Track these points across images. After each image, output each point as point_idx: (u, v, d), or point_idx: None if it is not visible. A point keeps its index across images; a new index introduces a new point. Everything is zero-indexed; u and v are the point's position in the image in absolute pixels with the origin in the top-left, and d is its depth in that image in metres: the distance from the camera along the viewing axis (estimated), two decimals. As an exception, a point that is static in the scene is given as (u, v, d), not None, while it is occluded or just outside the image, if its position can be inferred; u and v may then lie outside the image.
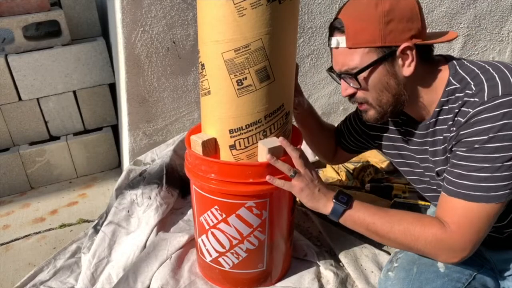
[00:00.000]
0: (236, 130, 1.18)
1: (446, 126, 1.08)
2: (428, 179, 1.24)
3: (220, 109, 1.18)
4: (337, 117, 2.47)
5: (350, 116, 1.50)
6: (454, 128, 1.03)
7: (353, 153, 1.56)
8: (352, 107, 2.46)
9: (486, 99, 0.96)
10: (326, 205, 1.17)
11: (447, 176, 1.04)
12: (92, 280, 1.52)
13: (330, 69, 1.19)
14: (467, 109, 1.00)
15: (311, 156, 2.23)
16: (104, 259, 1.59)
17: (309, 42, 2.21)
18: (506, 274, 1.18)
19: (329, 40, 1.13)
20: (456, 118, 1.03)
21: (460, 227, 0.99)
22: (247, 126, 1.17)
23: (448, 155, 1.07)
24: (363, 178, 2.06)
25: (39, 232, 1.94)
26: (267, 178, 1.20)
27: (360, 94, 1.13)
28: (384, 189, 1.88)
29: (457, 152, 1.02)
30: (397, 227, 1.06)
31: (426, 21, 1.10)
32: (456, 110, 1.03)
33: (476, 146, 0.97)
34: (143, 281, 1.45)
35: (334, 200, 1.15)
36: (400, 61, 1.05)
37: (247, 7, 1.03)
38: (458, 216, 1.00)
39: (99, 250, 1.61)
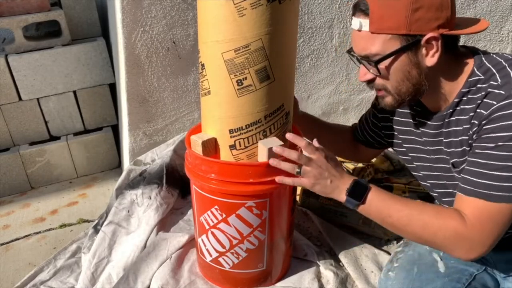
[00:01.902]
0: (236, 130, 1.18)
1: (466, 117, 1.03)
2: (438, 173, 1.20)
3: (220, 109, 1.18)
4: (337, 117, 2.47)
5: (366, 113, 1.49)
6: (476, 122, 0.99)
7: (374, 148, 1.52)
8: (352, 108, 2.47)
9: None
10: (340, 197, 1.12)
11: (465, 176, 1.00)
12: (92, 280, 1.52)
13: (350, 51, 1.13)
14: (490, 101, 0.96)
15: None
16: (104, 259, 1.59)
17: (309, 42, 2.21)
18: (507, 274, 1.18)
19: (351, 19, 1.07)
20: (478, 110, 0.99)
21: (481, 222, 0.96)
22: (247, 126, 1.17)
23: (466, 149, 1.04)
24: (363, 178, 2.06)
25: (39, 232, 1.94)
26: (277, 179, 1.17)
27: (379, 81, 1.09)
28: (384, 189, 1.87)
29: (478, 150, 0.97)
30: (415, 221, 1.02)
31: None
32: (479, 102, 0.99)
33: (499, 143, 0.92)
34: (143, 281, 1.45)
35: (347, 195, 1.10)
36: (424, 51, 1.01)
37: (247, 7, 1.03)
38: (479, 213, 0.96)
39: (99, 250, 1.61)
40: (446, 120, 1.09)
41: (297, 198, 1.80)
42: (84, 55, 2.32)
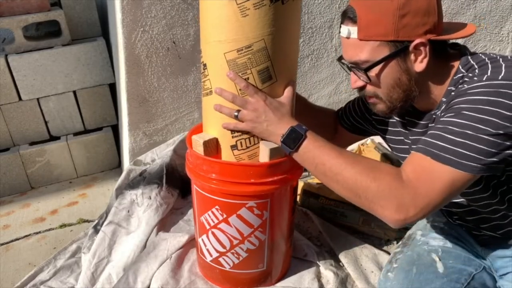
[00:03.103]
0: (238, 130, 1.18)
1: (444, 107, 1.04)
2: None
3: (222, 109, 1.18)
4: (337, 117, 2.47)
5: (355, 99, 1.47)
6: (446, 104, 1.01)
7: (355, 134, 1.50)
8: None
9: (484, 79, 0.93)
10: (277, 142, 1.11)
11: (422, 138, 0.98)
12: (92, 280, 1.52)
13: (340, 58, 1.14)
14: (462, 86, 0.98)
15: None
16: (104, 259, 1.59)
17: (309, 42, 2.21)
18: (502, 272, 1.18)
19: (340, 27, 1.08)
20: (452, 94, 1.01)
21: (419, 180, 0.91)
22: (249, 126, 1.17)
23: None
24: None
25: (39, 232, 1.94)
26: (223, 125, 1.18)
27: (370, 88, 1.08)
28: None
29: (441, 119, 0.96)
30: (348, 170, 0.98)
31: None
32: (454, 93, 1.01)
33: (463, 111, 0.91)
34: (143, 281, 1.45)
35: (281, 142, 1.09)
36: (412, 57, 1.01)
37: (250, 7, 1.03)
38: (420, 169, 0.92)
39: (99, 250, 1.61)
40: (434, 117, 1.10)
41: (298, 198, 1.81)
42: (84, 55, 2.32)
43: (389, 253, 1.59)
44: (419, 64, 1.02)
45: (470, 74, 0.99)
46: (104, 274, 1.54)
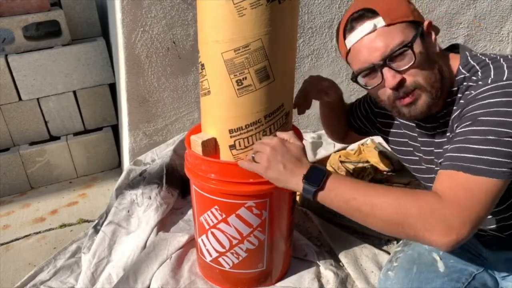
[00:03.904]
0: (236, 130, 1.18)
1: (456, 114, 1.03)
2: (427, 175, 1.22)
3: (220, 109, 1.18)
4: (337, 117, 2.47)
5: (361, 100, 1.47)
6: (457, 113, 1.00)
7: (362, 135, 1.52)
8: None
9: (489, 82, 0.94)
10: (297, 185, 1.03)
11: (446, 154, 0.95)
12: (92, 280, 1.52)
13: (356, 76, 1.08)
14: (469, 92, 0.98)
15: (311, 157, 2.23)
16: (104, 259, 1.59)
17: (309, 42, 2.21)
18: (505, 274, 1.18)
19: (353, 31, 1.04)
20: (461, 101, 1.01)
21: (459, 198, 0.87)
22: (247, 126, 1.17)
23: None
24: (363, 178, 2.05)
25: (39, 232, 1.94)
26: (238, 163, 1.14)
27: (409, 78, 1.01)
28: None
29: (458, 130, 0.95)
30: (383, 199, 0.91)
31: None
32: (460, 96, 1.01)
33: (479, 118, 0.90)
34: (143, 281, 1.45)
35: (303, 181, 1.01)
36: (428, 38, 1.04)
37: (247, 7, 1.03)
38: (456, 186, 0.88)
39: (99, 250, 1.61)
40: (441, 121, 1.10)
41: (297, 198, 1.80)
42: (84, 55, 2.32)
43: (389, 253, 1.59)
44: (435, 45, 1.04)
45: (474, 78, 0.99)
46: (104, 274, 1.54)
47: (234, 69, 1.10)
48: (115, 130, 2.55)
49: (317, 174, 1.00)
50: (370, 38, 1.01)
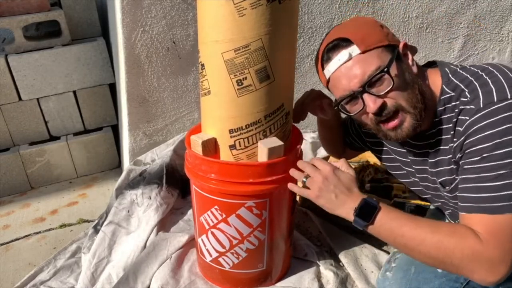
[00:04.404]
0: (236, 130, 1.18)
1: (448, 136, 1.05)
2: (422, 188, 1.25)
3: (220, 109, 1.18)
4: (337, 117, 2.47)
5: (348, 120, 1.50)
6: (456, 139, 1.01)
7: (357, 150, 1.55)
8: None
9: (481, 105, 0.94)
10: (347, 215, 1.06)
11: (462, 194, 0.98)
12: (92, 280, 1.52)
13: (339, 103, 1.10)
14: (464, 117, 0.98)
15: (311, 157, 2.23)
16: (104, 259, 1.59)
17: (309, 42, 2.21)
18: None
19: (330, 61, 1.07)
20: (456, 128, 1.01)
21: (495, 237, 0.90)
22: (247, 126, 1.17)
23: (454, 167, 1.04)
24: (363, 178, 2.05)
25: (39, 232, 1.94)
26: (289, 185, 1.19)
27: (390, 101, 1.03)
28: (384, 189, 1.87)
29: (466, 166, 0.97)
30: (430, 240, 0.95)
31: (426, 21, 1.12)
32: (455, 120, 1.01)
33: (484, 155, 0.92)
34: (143, 281, 1.45)
35: (354, 215, 1.03)
36: (405, 59, 1.06)
37: (247, 7, 1.03)
38: (490, 228, 0.91)
39: (99, 250, 1.61)
40: (431, 140, 1.11)
41: (297, 198, 1.80)
42: (84, 55, 2.32)
43: (389, 253, 1.59)
44: (413, 67, 1.06)
45: (463, 99, 1.00)
46: (104, 274, 1.54)
47: (234, 69, 1.10)
48: (115, 130, 2.55)
49: (369, 209, 1.03)
50: (347, 67, 1.05)
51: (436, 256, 0.94)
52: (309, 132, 2.41)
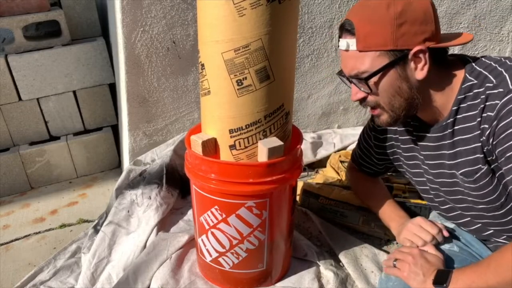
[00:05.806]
0: (236, 130, 1.18)
1: (473, 123, 1.03)
2: (436, 192, 1.23)
3: (220, 109, 1.18)
4: (337, 117, 2.47)
5: (362, 145, 1.48)
6: (486, 125, 0.98)
7: (386, 173, 1.57)
8: (352, 108, 2.47)
9: (511, 87, 0.94)
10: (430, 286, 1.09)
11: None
12: (92, 280, 1.52)
13: (340, 72, 1.15)
14: (494, 102, 0.96)
15: (311, 157, 2.23)
16: (104, 259, 1.59)
17: (309, 42, 2.21)
18: None
19: (339, 41, 1.10)
20: (484, 114, 0.99)
21: None
22: (247, 126, 1.17)
23: (480, 156, 1.03)
24: (363, 178, 2.05)
25: (39, 232, 1.94)
26: (384, 270, 1.23)
27: (371, 98, 1.10)
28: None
29: (508, 153, 0.94)
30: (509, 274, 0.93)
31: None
32: (482, 106, 0.99)
33: None
34: (143, 281, 1.45)
35: (433, 284, 1.06)
36: (412, 65, 1.02)
37: (247, 7, 1.03)
38: None
39: (99, 250, 1.61)
40: (449, 130, 1.09)
41: (297, 198, 1.80)
42: (84, 55, 2.32)
43: (389, 253, 1.59)
44: (420, 72, 1.03)
45: (488, 84, 0.99)
46: (104, 274, 1.54)
47: (234, 69, 1.10)
48: (115, 130, 2.55)
49: (443, 274, 1.06)
50: (344, 54, 1.09)
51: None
52: (309, 132, 2.42)
